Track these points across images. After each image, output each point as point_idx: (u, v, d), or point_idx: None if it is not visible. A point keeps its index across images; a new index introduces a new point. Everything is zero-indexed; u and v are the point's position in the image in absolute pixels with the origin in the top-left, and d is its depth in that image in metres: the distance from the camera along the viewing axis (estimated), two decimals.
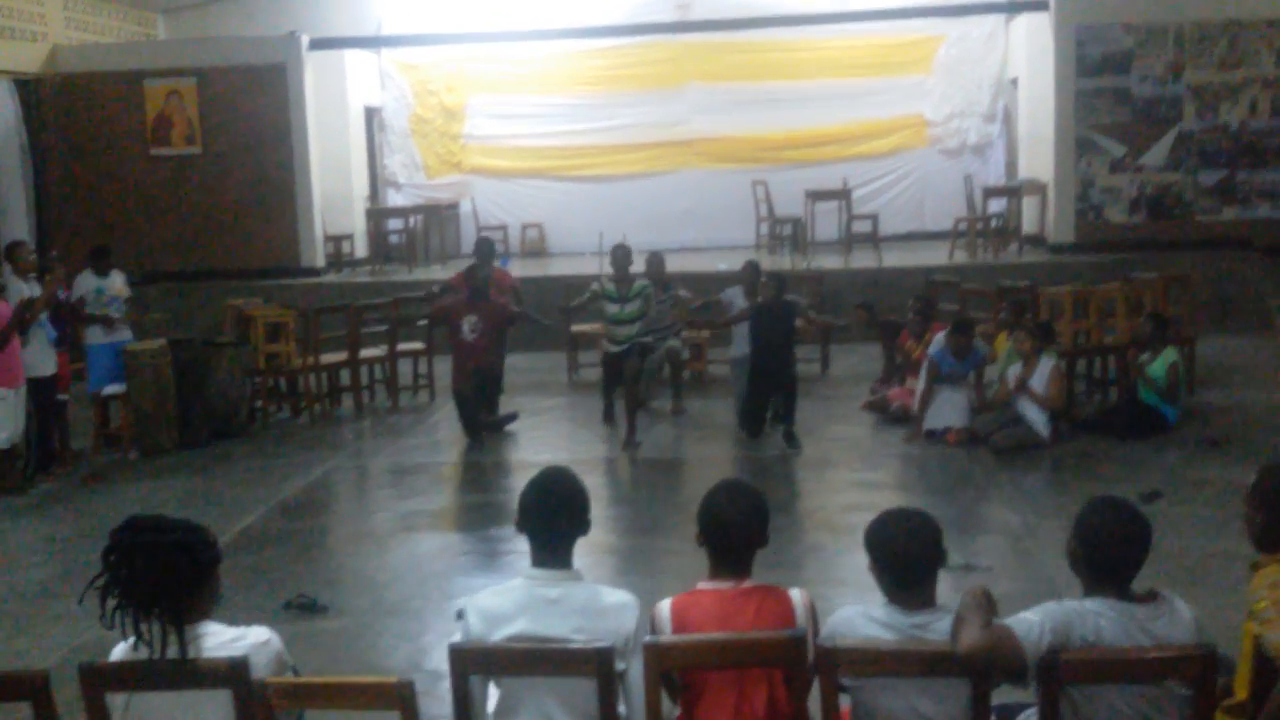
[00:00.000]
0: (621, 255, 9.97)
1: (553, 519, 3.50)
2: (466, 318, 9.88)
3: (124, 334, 10.20)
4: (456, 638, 3.51)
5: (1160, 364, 9.18)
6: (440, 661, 5.34)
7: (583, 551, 3.57)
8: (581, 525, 3.56)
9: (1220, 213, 14.40)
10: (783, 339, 9.50)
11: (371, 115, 17.88)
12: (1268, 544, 3.38)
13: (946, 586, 3.37)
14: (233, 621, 3.34)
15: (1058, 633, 3.10)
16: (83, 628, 5.92)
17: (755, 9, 16.41)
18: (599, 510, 3.65)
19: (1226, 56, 14.24)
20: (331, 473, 9.37)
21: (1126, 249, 14.03)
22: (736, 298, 10.22)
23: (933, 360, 9.45)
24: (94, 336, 10.20)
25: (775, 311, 9.49)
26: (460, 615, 5.67)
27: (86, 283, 10.29)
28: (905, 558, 3.28)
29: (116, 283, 10.41)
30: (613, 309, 9.91)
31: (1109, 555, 3.22)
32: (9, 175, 14.21)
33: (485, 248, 10.94)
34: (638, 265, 10.26)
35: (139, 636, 3.18)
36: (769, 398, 9.68)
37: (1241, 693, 3.37)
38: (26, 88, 14.69)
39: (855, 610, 3.34)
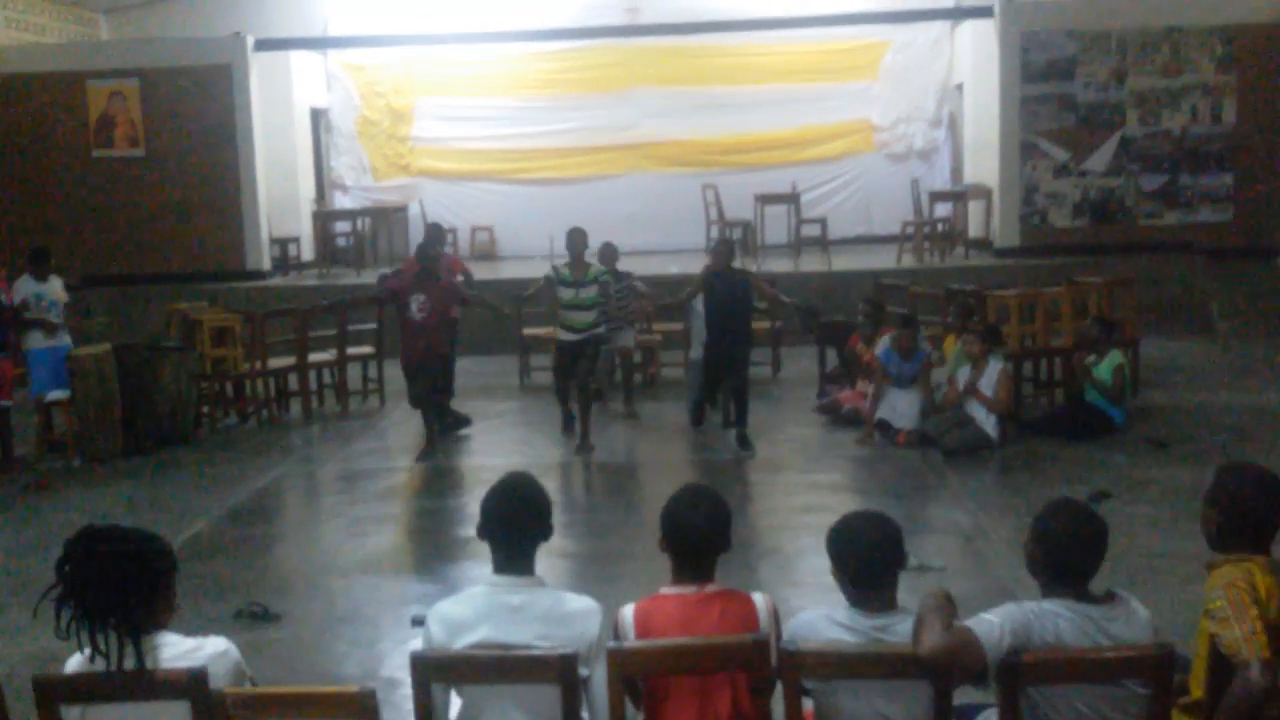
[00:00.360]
0: (577, 237, 9.62)
1: (515, 525, 3.49)
2: (414, 296, 9.55)
3: (64, 339, 10.02)
4: (416, 645, 3.49)
5: (1106, 366, 9.31)
6: (395, 669, 5.33)
7: (542, 556, 3.55)
8: (544, 531, 3.54)
9: (1162, 217, 14.64)
10: (740, 312, 9.35)
11: (318, 117, 17.74)
12: (1223, 544, 3.43)
13: (902, 588, 3.39)
14: (184, 631, 3.30)
15: (1017, 634, 3.13)
16: (30, 639, 5.81)
17: (704, 14, 16.47)
18: (556, 515, 3.63)
19: (1168, 63, 14.47)
20: (281, 479, 9.27)
21: (1070, 253, 14.22)
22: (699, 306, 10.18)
23: (880, 362, 9.59)
24: (34, 341, 10.02)
25: (729, 279, 9.34)
26: (415, 622, 5.67)
27: (26, 287, 10.10)
28: (867, 560, 3.30)
29: (55, 287, 10.24)
30: (567, 293, 9.53)
31: (1067, 557, 3.26)
32: None
33: (435, 231, 10.88)
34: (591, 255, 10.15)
35: (95, 648, 3.12)
36: (719, 381, 9.61)
37: (1197, 691, 3.42)
38: None
39: (817, 614, 3.36)
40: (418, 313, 9.49)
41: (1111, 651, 3.15)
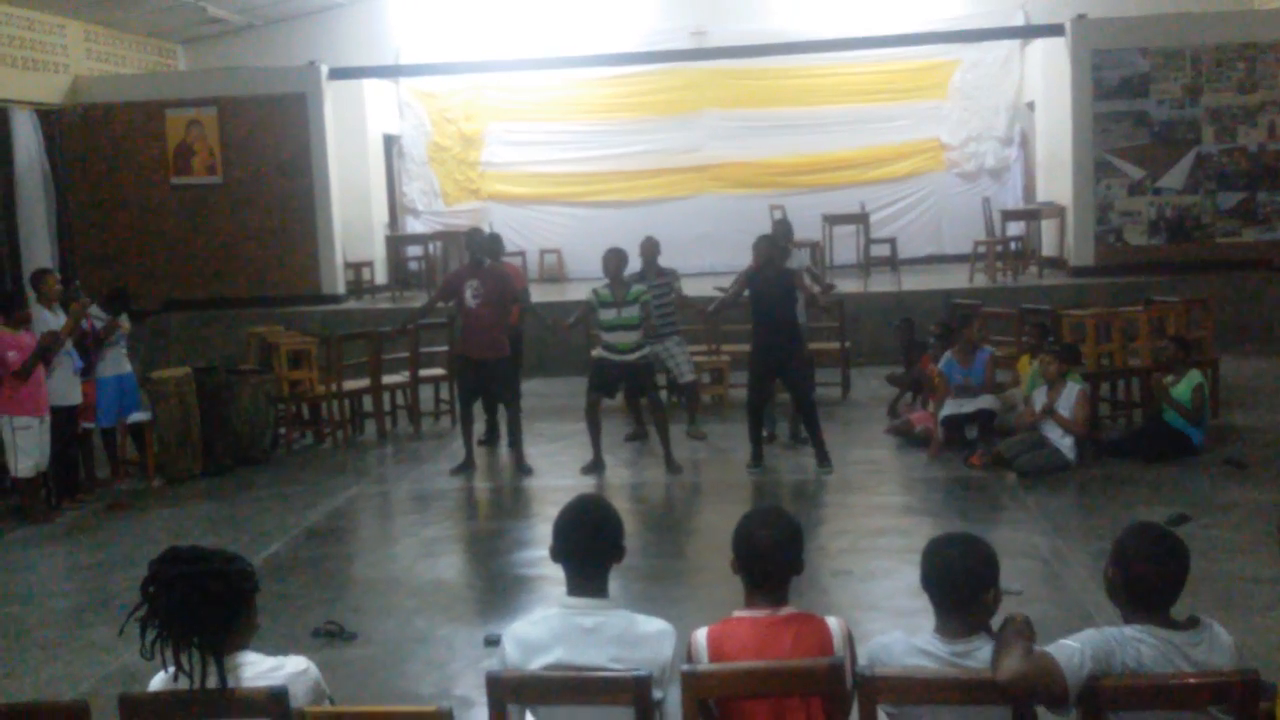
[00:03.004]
0: (613, 258, 9.58)
1: (588, 547, 3.50)
2: (469, 282, 9.62)
3: (126, 367, 10.09)
4: (490, 665, 3.51)
5: (1185, 386, 9.15)
6: (469, 689, 5.37)
7: (614, 577, 3.56)
8: (616, 552, 3.55)
9: (1240, 234, 14.38)
10: (783, 309, 9.20)
11: (390, 143, 17.99)
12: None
13: None
14: (261, 649, 3.35)
15: (1099, 660, 3.09)
16: (112, 656, 5.94)
17: (770, 36, 16.47)
18: (627, 537, 3.64)
19: (1244, 79, 14.24)
20: (355, 499, 9.38)
21: (1146, 271, 14.01)
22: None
23: (943, 374, 9.68)
24: (101, 370, 10.05)
25: (770, 276, 9.22)
26: (489, 642, 5.75)
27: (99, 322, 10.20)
28: (952, 583, 3.26)
29: (124, 319, 10.31)
30: (608, 315, 9.45)
31: (1148, 582, 3.20)
32: (32, 205, 14.34)
33: (493, 237, 10.59)
34: (633, 267, 10.12)
35: (179, 667, 3.19)
36: (769, 388, 9.51)
37: None
38: (49, 118, 14.85)
39: (895, 637, 3.33)
40: (472, 299, 9.56)
41: (1195, 677, 3.09)
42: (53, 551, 8.28)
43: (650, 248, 10.50)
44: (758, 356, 9.36)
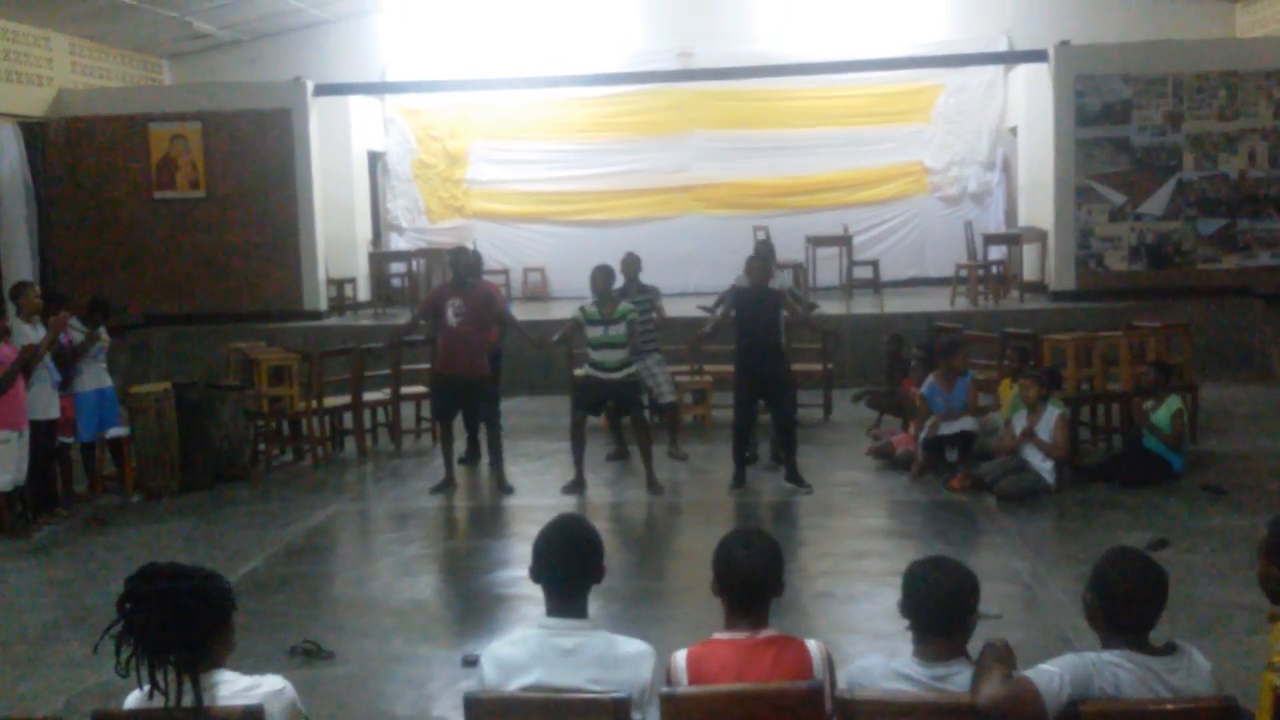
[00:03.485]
0: (600, 276, 9.56)
1: (568, 567, 3.49)
2: (450, 301, 9.64)
3: (106, 381, 10.03)
4: (467, 685, 3.49)
5: (1165, 412, 9.19)
6: (447, 709, 5.34)
7: (594, 598, 3.55)
8: (596, 574, 3.54)
9: (1220, 261, 14.47)
10: (768, 329, 9.23)
11: (375, 160, 18.00)
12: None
13: None
14: (238, 667, 3.33)
15: (1077, 684, 3.10)
16: (86, 672, 5.89)
17: (756, 58, 16.57)
18: (608, 558, 3.63)
19: (1225, 107, 14.36)
20: (335, 517, 9.34)
21: (1127, 297, 14.09)
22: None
23: (924, 398, 9.73)
24: (80, 385, 9.97)
25: (756, 293, 9.27)
26: (467, 663, 5.72)
27: (75, 334, 10.10)
28: (933, 607, 3.27)
29: (102, 332, 10.21)
30: (595, 332, 9.46)
31: (1127, 607, 3.22)
32: (13, 217, 14.28)
33: (474, 255, 10.54)
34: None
35: (154, 684, 3.16)
36: (754, 411, 9.51)
37: None
38: (32, 130, 14.80)
39: (875, 660, 3.33)
40: (454, 317, 9.57)
41: (1172, 703, 3.10)
42: (28, 566, 8.21)
43: (631, 264, 10.53)
44: (744, 377, 9.37)
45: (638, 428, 9.64)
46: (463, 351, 9.60)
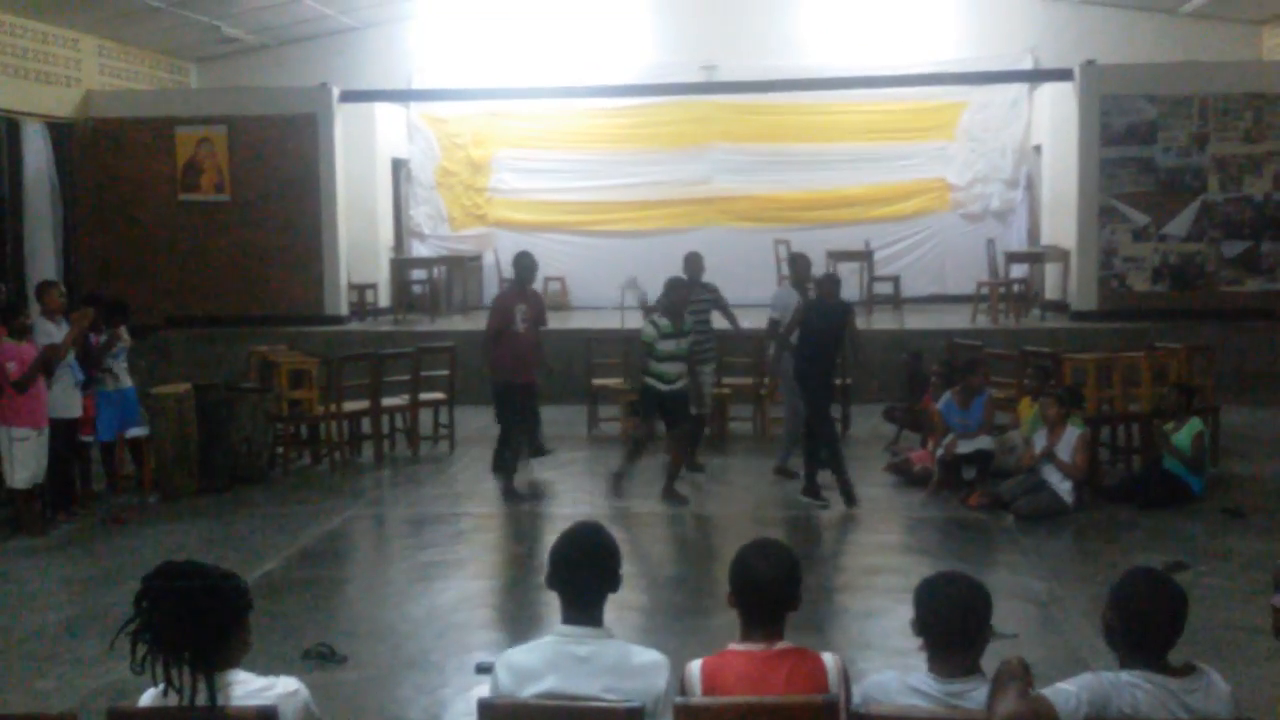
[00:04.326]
0: (680, 288, 9.43)
1: (584, 575, 3.49)
2: (517, 307, 9.80)
3: (127, 382, 10.07)
4: (480, 692, 3.49)
5: (1186, 434, 9.14)
6: (459, 715, 5.35)
7: (610, 608, 3.54)
8: (612, 582, 3.54)
9: (1243, 283, 14.38)
10: (832, 341, 9.37)
11: (399, 167, 18.05)
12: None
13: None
14: (252, 668, 3.33)
15: (1095, 704, 3.07)
16: (103, 670, 5.92)
17: (781, 72, 16.54)
18: (624, 567, 3.62)
19: (1251, 129, 14.29)
20: (351, 521, 9.36)
21: (1149, 318, 14.02)
22: (788, 296, 10.17)
23: (941, 415, 9.75)
24: (101, 384, 10.01)
25: (827, 309, 9.37)
26: (480, 669, 5.72)
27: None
28: (948, 623, 3.25)
29: (124, 333, 10.26)
30: (668, 345, 9.29)
31: (1146, 627, 3.19)
32: (39, 217, 14.36)
33: (530, 257, 10.48)
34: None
35: (169, 683, 3.16)
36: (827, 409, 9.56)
37: None
38: (59, 131, 14.89)
39: (891, 675, 3.31)
40: (521, 323, 9.73)
41: None
42: (46, 564, 8.25)
43: (695, 263, 10.50)
44: (823, 389, 9.45)
45: (679, 439, 9.59)
46: (532, 356, 9.81)
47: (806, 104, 17.36)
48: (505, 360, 9.81)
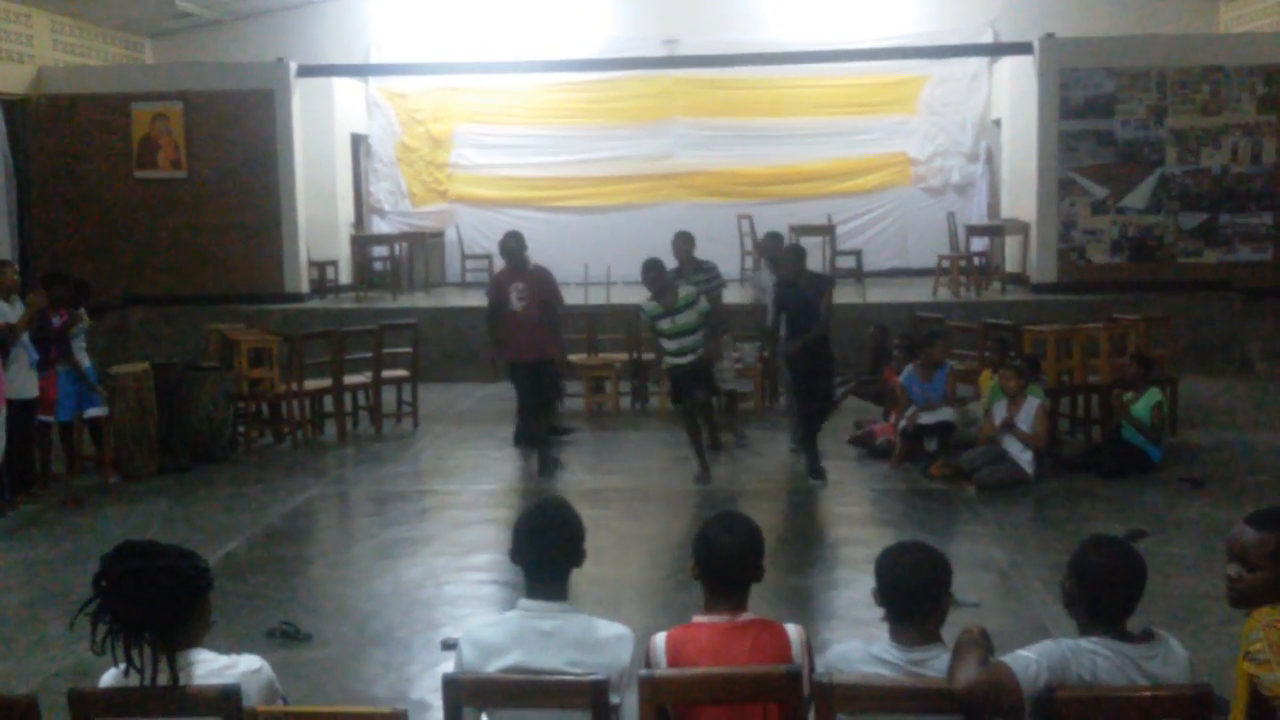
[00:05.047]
0: (650, 270, 9.35)
1: (547, 549, 3.49)
2: (512, 286, 9.73)
3: (85, 360, 9.95)
4: (447, 668, 3.49)
5: (1144, 404, 9.24)
6: (425, 692, 5.33)
7: (575, 582, 3.54)
8: (576, 557, 3.54)
9: (1201, 255, 14.52)
10: (809, 318, 9.13)
11: (358, 142, 17.91)
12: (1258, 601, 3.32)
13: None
14: (217, 648, 3.32)
15: (1054, 671, 3.10)
16: (63, 652, 5.87)
17: (742, 46, 16.54)
18: (590, 541, 3.63)
19: (1209, 102, 14.40)
20: (314, 500, 9.31)
21: (1108, 290, 14.14)
22: (763, 279, 10.14)
23: (903, 387, 9.81)
24: (63, 365, 9.86)
25: (801, 288, 9.21)
26: (446, 646, 5.72)
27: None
28: (908, 591, 3.28)
29: (83, 313, 10.10)
30: (665, 324, 9.26)
31: (1105, 594, 3.22)
32: None
33: (520, 238, 10.27)
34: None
35: (130, 663, 3.15)
36: (818, 400, 9.42)
37: None
38: (12, 108, 14.67)
39: (854, 645, 3.34)
40: (518, 301, 9.67)
41: (1149, 691, 3.11)
42: (6, 546, 8.16)
43: (681, 244, 10.40)
44: (797, 379, 9.41)
45: (703, 411, 9.56)
46: (530, 333, 9.71)
47: (768, 78, 17.34)
48: (505, 339, 9.90)
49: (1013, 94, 15.98)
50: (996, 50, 16.60)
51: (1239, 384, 12.79)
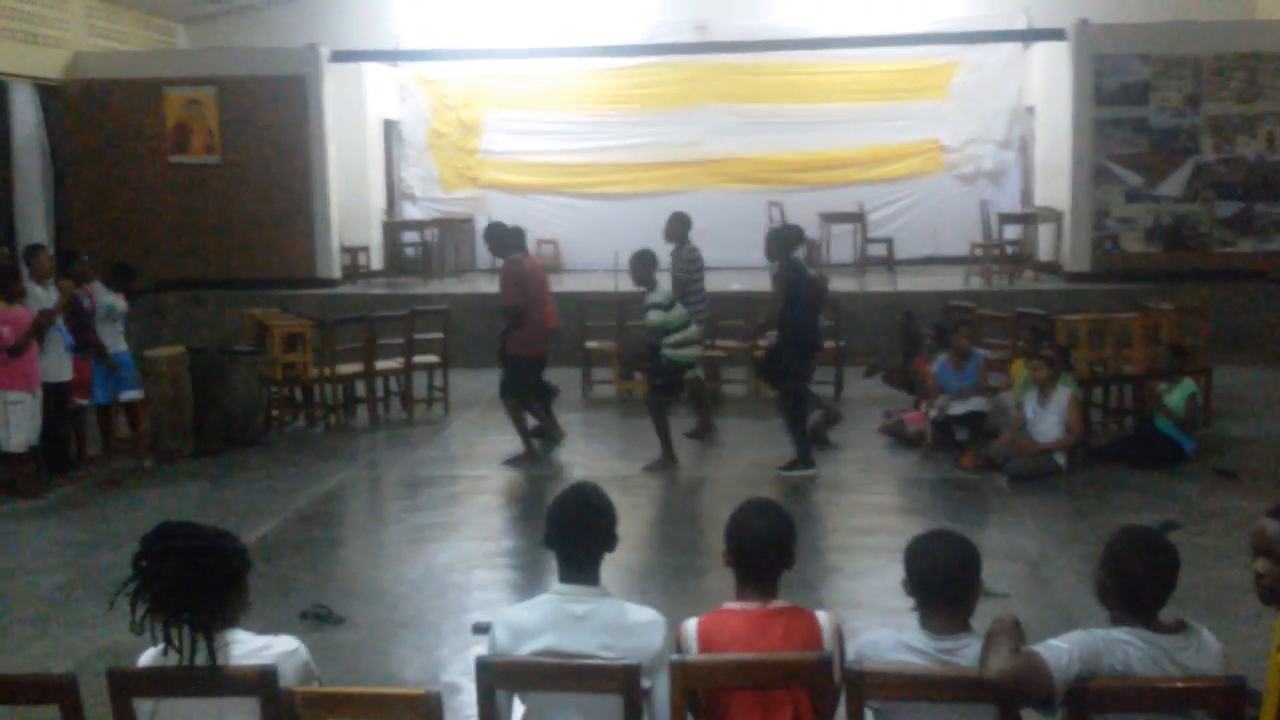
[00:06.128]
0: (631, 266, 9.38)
1: (581, 534, 3.51)
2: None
3: (121, 345, 10.04)
4: (478, 651, 3.52)
5: (1178, 394, 9.17)
6: (456, 675, 5.38)
7: (606, 568, 3.56)
8: (609, 541, 3.56)
9: (1236, 244, 14.39)
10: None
11: (389, 128, 17.96)
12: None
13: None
14: (250, 630, 3.35)
15: (1086, 661, 3.10)
16: (101, 632, 5.95)
17: (773, 32, 16.46)
18: (621, 528, 3.64)
19: (1244, 89, 14.25)
20: (346, 484, 9.38)
21: (1142, 279, 14.02)
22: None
23: (936, 377, 9.81)
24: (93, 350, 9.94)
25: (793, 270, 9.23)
26: (477, 629, 5.74)
27: (100, 296, 10.09)
28: (940, 580, 3.28)
29: (120, 298, 10.19)
30: (656, 316, 9.26)
31: (1138, 585, 3.21)
32: (29, 180, 14.28)
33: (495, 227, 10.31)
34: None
35: (168, 643, 3.18)
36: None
37: None
38: (48, 93, 14.77)
39: (885, 633, 3.34)
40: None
41: (1181, 681, 3.10)
42: (42, 527, 8.27)
43: (671, 224, 10.54)
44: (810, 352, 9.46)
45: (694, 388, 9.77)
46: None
47: (799, 64, 17.27)
48: (537, 334, 9.97)
49: (1046, 80, 15.86)
50: (1030, 36, 16.46)
51: (1274, 374, 12.66)
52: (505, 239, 9.96)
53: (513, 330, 9.68)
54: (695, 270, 10.51)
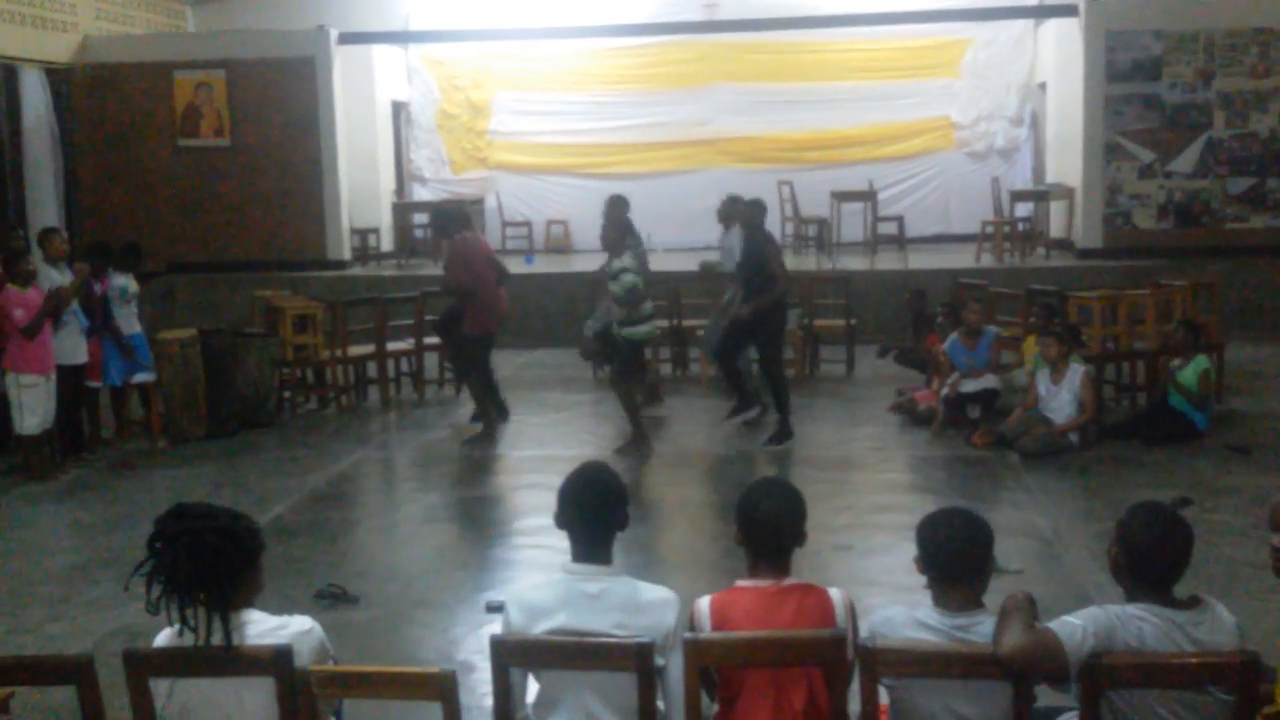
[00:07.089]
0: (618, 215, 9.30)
1: (593, 513, 3.51)
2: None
3: (135, 327, 10.06)
4: (492, 630, 3.53)
5: (1192, 371, 9.14)
6: (470, 653, 5.40)
7: (618, 548, 3.57)
8: (621, 520, 3.56)
9: (1249, 220, 14.32)
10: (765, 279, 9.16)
11: (399, 110, 17.95)
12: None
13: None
14: (266, 610, 3.37)
15: (1100, 637, 3.10)
16: (115, 614, 5.98)
17: (783, 10, 16.39)
18: (631, 507, 3.65)
19: (1257, 64, 14.17)
20: (359, 464, 9.40)
21: (1154, 255, 13.98)
22: (735, 241, 10.06)
23: (948, 354, 9.80)
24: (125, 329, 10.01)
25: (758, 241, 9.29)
26: (490, 608, 5.78)
27: (116, 280, 10.12)
28: (953, 557, 3.28)
29: (131, 279, 10.21)
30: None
31: (1152, 561, 3.22)
32: (40, 164, 14.30)
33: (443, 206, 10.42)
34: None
35: (184, 623, 3.20)
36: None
37: None
38: (57, 77, 14.79)
39: (898, 610, 3.35)
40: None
41: (1195, 657, 3.10)
42: (57, 509, 8.31)
43: (619, 206, 9.82)
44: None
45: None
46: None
47: (809, 42, 17.22)
48: (486, 310, 9.88)
49: (1058, 57, 15.77)
50: (1042, 12, 16.36)
51: None
52: (450, 220, 9.99)
53: (463, 310, 9.74)
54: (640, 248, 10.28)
